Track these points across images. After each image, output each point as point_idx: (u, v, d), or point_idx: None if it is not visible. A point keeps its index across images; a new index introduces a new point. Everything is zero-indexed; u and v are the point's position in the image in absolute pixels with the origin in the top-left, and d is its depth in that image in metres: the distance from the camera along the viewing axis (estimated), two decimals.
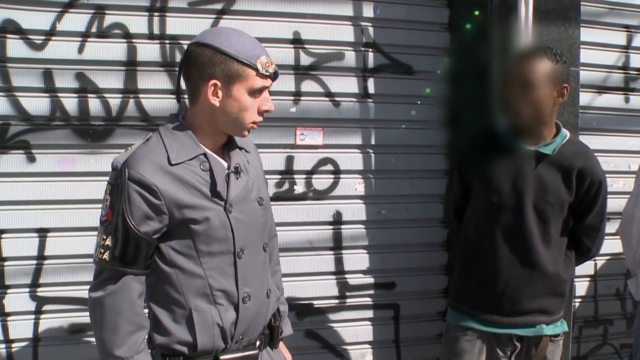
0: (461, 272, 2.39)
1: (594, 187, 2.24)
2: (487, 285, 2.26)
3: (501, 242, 2.24)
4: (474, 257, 2.33)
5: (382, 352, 3.12)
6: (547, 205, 2.22)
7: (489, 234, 2.26)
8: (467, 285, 2.34)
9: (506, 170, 2.25)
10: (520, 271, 2.23)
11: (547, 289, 2.25)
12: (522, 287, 2.24)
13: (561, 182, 2.22)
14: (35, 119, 2.60)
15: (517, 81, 2.16)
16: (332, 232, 3.01)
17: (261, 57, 1.67)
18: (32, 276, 2.63)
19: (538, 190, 2.22)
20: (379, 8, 3.00)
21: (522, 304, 2.24)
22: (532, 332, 2.27)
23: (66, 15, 2.61)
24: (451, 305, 2.41)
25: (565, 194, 2.23)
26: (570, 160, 2.22)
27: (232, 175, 1.74)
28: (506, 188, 2.24)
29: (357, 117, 3.02)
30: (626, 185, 3.39)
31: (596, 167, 2.27)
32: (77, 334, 2.68)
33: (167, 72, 2.74)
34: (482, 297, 2.28)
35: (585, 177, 2.22)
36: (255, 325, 1.78)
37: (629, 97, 3.42)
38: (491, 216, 2.27)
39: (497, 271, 2.24)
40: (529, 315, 2.25)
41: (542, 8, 2.86)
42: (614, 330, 3.48)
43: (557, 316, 2.30)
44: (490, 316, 2.26)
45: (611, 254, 3.39)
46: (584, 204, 2.26)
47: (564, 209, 2.25)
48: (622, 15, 3.35)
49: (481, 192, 2.32)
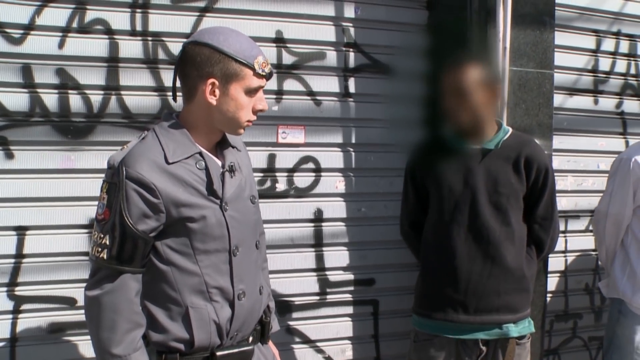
0: (424, 278, 2.42)
1: (542, 174, 2.31)
2: (450, 285, 2.29)
3: (460, 240, 2.29)
4: (435, 260, 2.36)
5: (361, 347, 3.16)
6: (500, 196, 2.28)
7: (447, 234, 2.31)
8: (431, 289, 2.37)
9: (456, 171, 2.32)
10: (481, 266, 2.27)
11: (510, 284, 2.30)
12: (484, 282, 2.27)
13: (511, 172, 2.29)
14: (14, 114, 2.55)
15: (453, 90, 2.23)
16: (313, 229, 3.03)
17: (258, 57, 1.70)
18: (10, 275, 2.57)
19: (489, 184, 2.28)
20: (359, 9, 3.03)
21: (487, 301, 2.28)
22: (499, 334, 2.30)
23: (46, 10, 2.56)
24: (417, 312, 2.43)
25: (516, 183, 2.29)
26: (516, 149, 2.30)
27: (227, 173, 1.76)
28: (458, 187, 2.30)
29: (338, 116, 3.04)
30: (595, 184, 3.52)
31: (542, 155, 2.35)
32: (56, 333, 2.64)
33: (149, 69, 2.71)
34: (447, 298, 2.30)
35: (532, 164, 2.29)
36: (250, 321, 1.81)
37: (598, 99, 3.54)
38: (447, 217, 2.31)
39: (457, 269, 2.28)
40: (495, 313, 2.29)
41: (519, 12, 2.94)
42: (583, 324, 3.58)
43: (522, 313, 2.34)
44: (457, 316, 2.29)
45: (581, 250, 3.52)
46: (535, 193, 2.33)
47: (519, 199, 2.31)
48: (591, 20, 3.46)
49: (436, 197, 2.36)
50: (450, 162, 2.34)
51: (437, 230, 2.35)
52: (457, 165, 2.32)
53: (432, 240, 2.39)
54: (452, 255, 2.29)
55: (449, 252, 2.30)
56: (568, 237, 3.50)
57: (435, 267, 2.36)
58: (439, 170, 2.35)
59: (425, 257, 2.43)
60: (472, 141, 2.32)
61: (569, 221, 3.49)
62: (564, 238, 3.49)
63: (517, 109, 3.00)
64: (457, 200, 2.30)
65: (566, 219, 3.47)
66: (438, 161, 2.36)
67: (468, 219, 2.29)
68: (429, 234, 2.41)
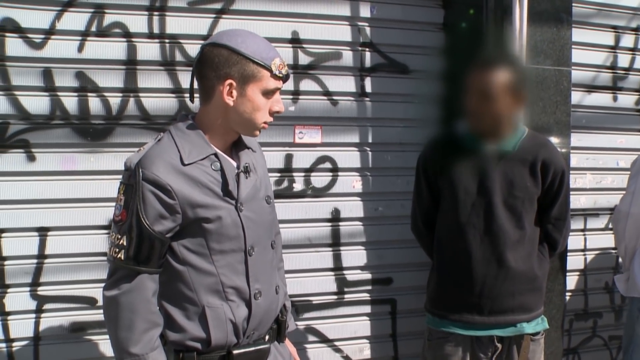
0: (438, 278, 2.40)
1: (558, 177, 2.29)
2: (465, 288, 2.29)
3: (476, 243, 2.27)
4: (450, 262, 2.35)
5: (379, 346, 3.16)
6: (516, 200, 2.26)
7: (462, 236, 2.29)
8: (445, 291, 2.36)
9: (472, 173, 2.29)
10: (496, 270, 2.26)
11: (523, 285, 2.29)
12: (499, 285, 2.27)
13: (527, 176, 2.26)
14: (35, 117, 2.60)
15: (478, 92, 2.19)
16: (331, 229, 3.04)
17: (275, 59, 1.71)
18: (33, 275, 2.63)
19: (505, 187, 2.26)
20: (375, 8, 3.03)
21: (502, 302, 2.27)
22: (513, 332, 2.30)
23: (65, 14, 2.61)
24: (430, 311, 2.42)
25: (532, 187, 2.27)
26: (533, 152, 2.27)
27: (242, 174, 1.78)
28: (474, 190, 2.28)
29: (355, 116, 3.05)
30: (614, 182, 3.48)
31: (558, 158, 2.32)
32: (77, 332, 2.69)
33: (167, 71, 2.75)
34: (462, 300, 2.30)
35: (549, 167, 2.27)
36: (266, 320, 1.82)
37: (617, 95, 3.50)
38: (463, 219, 2.29)
39: (473, 272, 2.27)
40: (510, 313, 2.28)
41: (535, 9, 2.92)
42: (603, 323, 3.55)
43: (536, 312, 2.34)
44: (472, 317, 2.28)
45: (600, 248, 3.48)
46: (550, 195, 2.31)
47: (534, 201, 2.29)
48: (610, 16, 3.42)
49: (450, 198, 2.34)
50: (465, 162, 2.31)
51: (452, 232, 2.33)
52: (472, 167, 2.30)
53: (447, 241, 2.37)
54: (468, 258, 2.28)
55: (464, 255, 2.29)
56: (587, 235, 3.47)
57: (450, 269, 2.35)
58: (453, 170, 2.32)
59: (439, 258, 2.42)
60: (489, 142, 2.28)
61: (588, 219, 3.46)
62: (583, 236, 3.46)
63: (534, 106, 2.98)
64: (473, 203, 2.28)
65: (585, 217, 3.44)
66: (453, 161, 2.33)
67: (484, 222, 2.27)
68: (443, 234, 2.40)
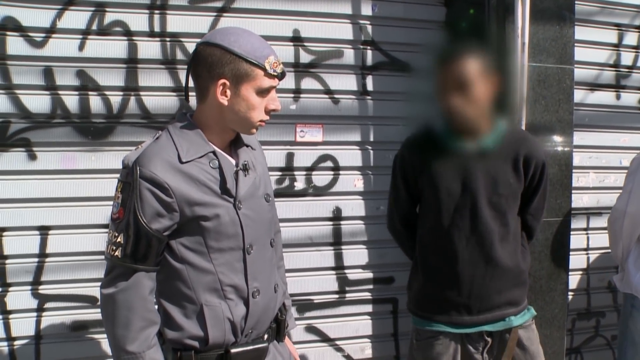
0: (424, 280, 2.34)
1: (539, 170, 2.27)
2: (453, 289, 2.25)
3: (461, 244, 2.23)
4: (435, 264, 2.30)
5: (381, 345, 3.16)
6: (500, 198, 2.23)
7: (447, 238, 2.25)
8: (432, 292, 2.31)
9: (453, 172, 2.23)
10: (483, 270, 2.24)
11: (511, 281, 2.27)
12: (486, 284, 2.24)
13: (510, 172, 2.23)
14: (36, 116, 2.60)
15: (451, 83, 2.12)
16: (332, 227, 3.04)
17: (269, 57, 1.70)
18: (34, 274, 2.63)
19: (489, 186, 2.22)
20: (377, 6, 3.02)
21: (490, 300, 2.25)
22: (502, 326, 2.28)
23: (66, 13, 2.61)
24: (415, 313, 2.38)
25: (515, 183, 2.24)
26: (514, 148, 2.24)
27: (240, 172, 1.77)
28: (457, 191, 2.23)
29: (356, 114, 3.04)
30: (617, 181, 3.45)
31: (539, 151, 2.30)
32: (79, 331, 2.69)
33: (168, 70, 2.75)
34: (450, 301, 2.26)
35: (530, 162, 2.24)
36: (265, 319, 1.82)
37: (620, 94, 3.48)
38: (447, 221, 2.24)
39: (460, 274, 2.24)
40: (498, 309, 2.27)
41: (538, 7, 2.90)
42: (605, 322, 3.54)
43: (523, 305, 2.33)
44: (461, 317, 2.26)
45: (603, 248, 3.45)
46: (531, 188, 2.29)
47: (517, 197, 2.27)
48: (613, 14, 3.40)
49: (432, 199, 2.28)
50: (446, 161, 2.25)
51: (436, 235, 2.28)
52: (454, 166, 2.23)
53: (431, 243, 2.32)
54: (455, 260, 2.24)
55: (450, 256, 2.25)
56: (590, 234, 3.45)
57: (436, 271, 2.30)
58: (434, 171, 2.26)
59: (423, 260, 2.35)
60: (469, 139, 2.22)
61: (591, 218, 3.44)
62: (585, 235, 3.44)
63: (536, 105, 2.97)
64: (457, 204, 2.23)
65: (588, 216, 3.42)
66: (433, 160, 2.26)
67: (469, 223, 2.23)
68: (426, 236, 2.34)
